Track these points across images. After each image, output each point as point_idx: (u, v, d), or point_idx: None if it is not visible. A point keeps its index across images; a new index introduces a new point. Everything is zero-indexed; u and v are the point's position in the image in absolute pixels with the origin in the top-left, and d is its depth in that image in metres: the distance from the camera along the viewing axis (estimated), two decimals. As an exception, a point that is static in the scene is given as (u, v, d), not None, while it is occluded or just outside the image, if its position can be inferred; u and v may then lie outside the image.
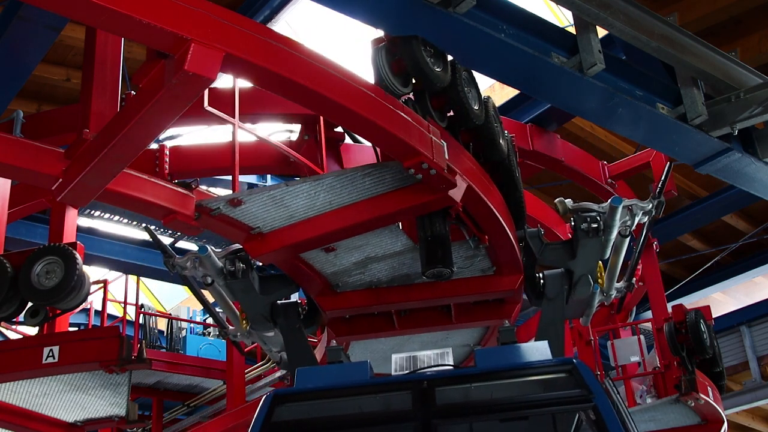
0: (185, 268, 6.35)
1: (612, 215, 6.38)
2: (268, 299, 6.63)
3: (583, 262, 6.53)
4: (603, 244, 6.48)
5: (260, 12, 9.52)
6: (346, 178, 5.73)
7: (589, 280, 6.60)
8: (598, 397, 4.16)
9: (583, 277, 6.58)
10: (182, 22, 4.48)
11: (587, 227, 6.36)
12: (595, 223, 6.36)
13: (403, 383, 4.64)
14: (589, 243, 6.41)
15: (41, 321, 6.72)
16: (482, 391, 4.50)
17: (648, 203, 6.57)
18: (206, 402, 12.92)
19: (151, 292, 21.14)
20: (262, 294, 6.55)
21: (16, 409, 7.62)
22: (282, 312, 6.64)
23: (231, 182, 6.36)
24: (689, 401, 9.25)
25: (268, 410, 4.48)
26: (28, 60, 7.25)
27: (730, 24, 10.22)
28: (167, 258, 6.33)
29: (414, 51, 5.76)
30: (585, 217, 6.40)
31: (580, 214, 6.45)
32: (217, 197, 5.87)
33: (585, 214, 6.43)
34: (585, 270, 6.58)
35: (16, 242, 10.32)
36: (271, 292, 6.63)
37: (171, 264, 6.34)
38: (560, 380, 4.41)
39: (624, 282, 7.14)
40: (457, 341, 7.89)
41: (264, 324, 6.68)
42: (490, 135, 6.60)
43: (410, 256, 6.63)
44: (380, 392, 4.61)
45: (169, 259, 6.32)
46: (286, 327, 6.62)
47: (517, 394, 4.53)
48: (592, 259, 6.56)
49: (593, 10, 6.16)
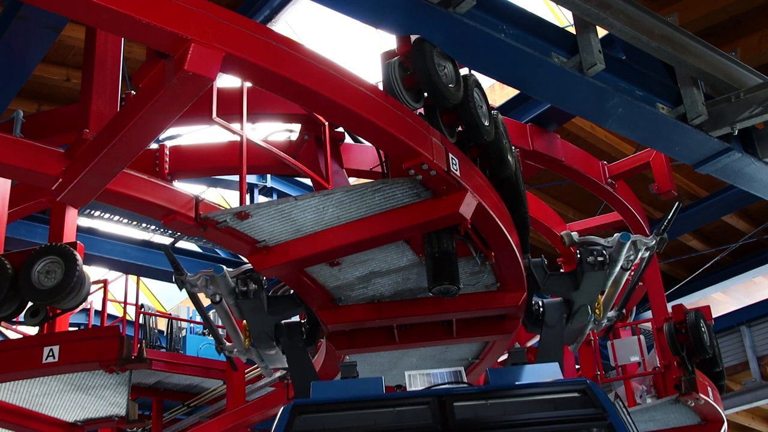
0: (195, 286, 6.47)
1: (619, 250, 6.60)
2: (275, 319, 6.74)
3: (585, 294, 6.71)
4: (607, 276, 6.70)
5: (260, 12, 9.52)
6: (356, 193, 5.69)
7: (588, 310, 6.79)
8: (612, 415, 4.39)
9: (583, 307, 6.77)
10: (182, 22, 4.49)
11: (594, 260, 6.57)
12: (601, 257, 6.58)
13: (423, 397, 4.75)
14: (593, 275, 6.62)
15: (41, 321, 6.71)
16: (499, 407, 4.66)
17: (652, 239, 6.82)
18: (206, 402, 12.92)
19: (151, 292, 21.14)
20: (269, 314, 6.65)
21: (16, 409, 7.62)
22: (285, 331, 6.74)
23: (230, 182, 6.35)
24: (689, 401, 9.25)
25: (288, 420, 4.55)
26: (28, 60, 7.24)
27: (730, 24, 10.22)
28: (179, 275, 6.43)
29: (428, 67, 5.74)
30: (591, 251, 6.62)
31: (586, 247, 6.66)
32: (224, 210, 5.85)
33: (591, 247, 6.66)
34: (585, 301, 6.76)
35: (16, 242, 10.33)
36: (278, 312, 6.75)
37: (181, 281, 6.45)
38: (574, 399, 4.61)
39: (615, 311, 7.31)
40: (455, 355, 7.89)
41: (267, 342, 6.78)
42: (500, 151, 6.62)
43: (415, 272, 6.62)
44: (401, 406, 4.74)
45: (181, 276, 6.43)
46: (289, 346, 6.72)
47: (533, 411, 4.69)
48: (594, 290, 6.76)
49: (593, 10, 6.16)
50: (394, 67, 5.87)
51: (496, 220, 6.11)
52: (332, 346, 7.12)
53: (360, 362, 7.65)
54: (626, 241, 6.59)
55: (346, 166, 7.73)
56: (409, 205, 5.83)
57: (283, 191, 14.00)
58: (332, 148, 7.23)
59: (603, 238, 6.77)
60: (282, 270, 6.28)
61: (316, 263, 6.29)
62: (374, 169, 7.74)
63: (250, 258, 6.14)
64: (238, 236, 5.94)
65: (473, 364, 8.06)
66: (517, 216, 6.83)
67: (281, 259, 6.08)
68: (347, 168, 7.77)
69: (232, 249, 6.40)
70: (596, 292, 6.82)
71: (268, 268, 6.18)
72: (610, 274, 6.71)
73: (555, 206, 12.69)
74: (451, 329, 7.12)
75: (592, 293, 6.78)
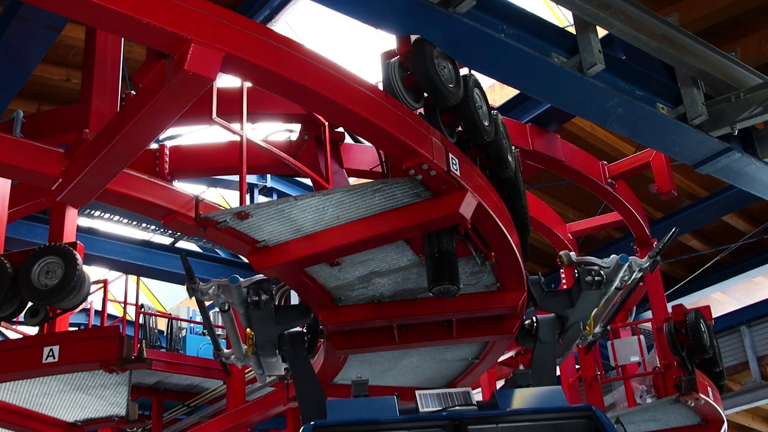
0: (206, 295, 6.56)
1: (617, 271, 6.90)
2: (282, 329, 6.82)
3: (579, 311, 7.00)
4: (602, 296, 7.00)
5: (260, 12, 9.52)
6: (356, 193, 5.69)
7: (580, 327, 7.09)
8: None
9: (576, 324, 7.05)
10: (182, 22, 4.49)
11: (591, 280, 6.87)
12: (598, 276, 6.88)
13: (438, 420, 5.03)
14: (590, 294, 6.90)
15: (41, 321, 6.70)
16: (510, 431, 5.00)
17: (646, 261, 7.10)
18: (206, 402, 12.92)
19: (151, 292, 21.15)
20: (277, 324, 6.74)
21: (16, 409, 7.61)
22: (288, 341, 6.84)
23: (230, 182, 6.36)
24: (689, 401, 9.25)
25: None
26: (28, 60, 7.24)
27: (730, 24, 10.22)
28: (191, 284, 6.50)
29: (428, 67, 5.74)
30: (589, 270, 6.92)
31: (584, 267, 6.96)
32: (224, 210, 5.85)
33: (589, 267, 6.96)
34: (579, 318, 7.04)
35: (16, 242, 10.34)
36: (286, 322, 6.85)
37: (193, 290, 6.52)
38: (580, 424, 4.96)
39: (600, 327, 7.48)
40: (455, 355, 7.88)
41: (271, 351, 6.87)
42: (500, 151, 6.61)
43: (415, 271, 6.62)
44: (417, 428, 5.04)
45: (193, 284, 6.50)
46: (292, 355, 6.81)
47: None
48: (588, 308, 7.05)
49: (593, 10, 6.15)
50: (394, 67, 5.87)
51: (496, 220, 6.10)
52: (332, 346, 7.12)
53: (360, 362, 7.69)
54: (624, 263, 6.86)
55: (346, 166, 7.72)
56: (409, 205, 5.83)
57: (283, 191, 14.01)
58: (332, 148, 7.23)
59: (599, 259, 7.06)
60: (282, 270, 6.28)
61: (316, 263, 6.29)
62: (374, 169, 7.74)
63: (250, 258, 6.15)
64: (238, 236, 5.94)
65: (473, 364, 8.05)
66: (517, 216, 6.84)
67: (281, 259, 6.08)
68: (347, 168, 7.77)
69: (232, 249, 6.41)
70: (590, 310, 7.08)
71: (268, 268, 6.19)
72: (605, 293, 6.99)
73: (555, 206, 12.70)
74: (451, 329, 7.11)
75: (587, 311, 7.03)
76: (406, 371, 8.09)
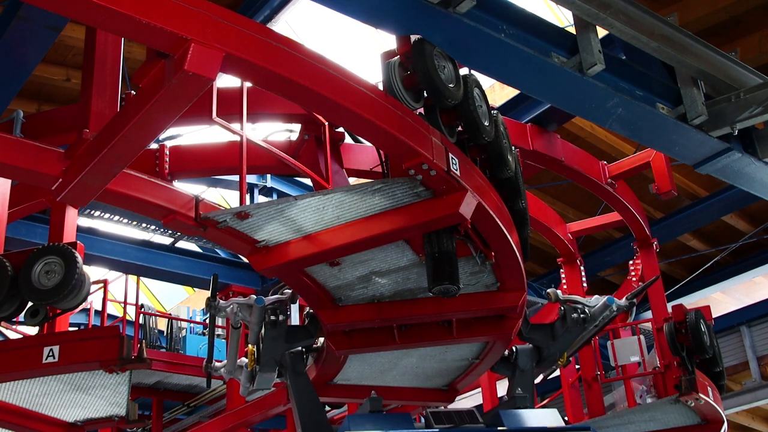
0: (222, 312, 6.78)
1: (602, 310, 7.61)
2: (289, 347, 6.97)
3: (560, 344, 7.62)
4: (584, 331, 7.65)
5: (260, 12, 9.52)
6: (356, 193, 5.69)
7: (556, 357, 7.68)
8: None
9: (552, 355, 7.63)
10: (182, 22, 4.48)
11: (577, 318, 7.55)
12: (583, 314, 7.56)
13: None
14: (573, 330, 7.57)
15: (41, 321, 6.70)
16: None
17: (624, 301, 7.83)
18: (206, 402, 12.93)
19: (151, 292, 21.17)
20: (285, 342, 6.89)
21: (16, 409, 7.61)
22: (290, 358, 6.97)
23: (230, 182, 6.36)
24: (689, 401, 9.24)
25: None
26: (28, 60, 7.24)
27: (730, 24, 10.22)
28: (212, 301, 6.73)
29: (428, 67, 5.73)
30: (575, 308, 7.60)
31: (570, 305, 7.62)
32: (224, 210, 5.85)
33: (575, 305, 7.63)
34: (557, 350, 7.64)
35: (16, 242, 10.33)
36: (294, 341, 6.99)
37: (212, 306, 6.75)
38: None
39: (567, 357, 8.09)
40: (455, 355, 7.88)
41: (272, 367, 7.00)
42: (500, 151, 6.61)
43: (415, 271, 6.62)
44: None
45: (214, 302, 6.73)
46: (293, 372, 6.95)
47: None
48: (568, 342, 7.68)
49: (593, 10, 6.15)
50: (394, 67, 5.86)
51: (496, 220, 6.10)
52: (332, 346, 7.13)
53: (360, 362, 7.70)
54: (611, 304, 7.58)
55: (346, 166, 7.73)
56: (409, 205, 5.83)
57: (283, 191, 14.00)
58: (332, 148, 7.23)
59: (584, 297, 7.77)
60: (282, 270, 6.28)
61: (316, 263, 6.29)
62: (374, 169, 7.74)
63: (250, 258, 6.15)
64: (238, 236, 5.94)
65: (473, 364, 8.06)
66: (517, 216, 6.84)
67: (281, 259, 6.09)
68: (347, 168, 7.77)
69: (232, 249, 6.41)
70: (569, 344, 7.69)
71: (268, 268, 6.19)
72: (588, 330, 7.60)
73: (555, 206, 12.71)
74: (451, 329, 7.12)
75: (566, 344, 7.65)
76: (405, 371, 8.09)
